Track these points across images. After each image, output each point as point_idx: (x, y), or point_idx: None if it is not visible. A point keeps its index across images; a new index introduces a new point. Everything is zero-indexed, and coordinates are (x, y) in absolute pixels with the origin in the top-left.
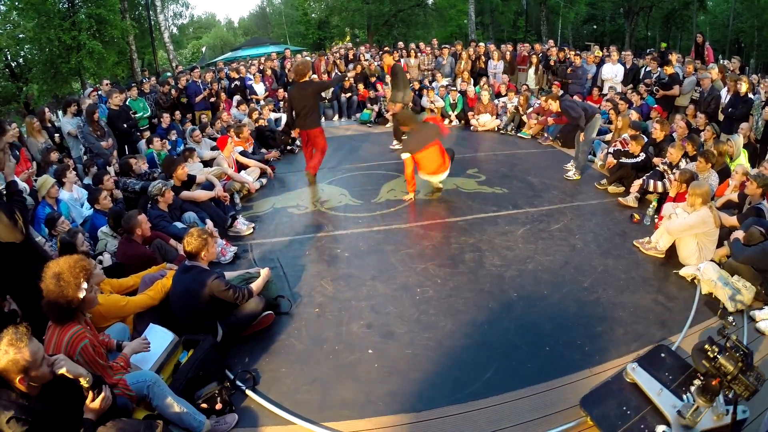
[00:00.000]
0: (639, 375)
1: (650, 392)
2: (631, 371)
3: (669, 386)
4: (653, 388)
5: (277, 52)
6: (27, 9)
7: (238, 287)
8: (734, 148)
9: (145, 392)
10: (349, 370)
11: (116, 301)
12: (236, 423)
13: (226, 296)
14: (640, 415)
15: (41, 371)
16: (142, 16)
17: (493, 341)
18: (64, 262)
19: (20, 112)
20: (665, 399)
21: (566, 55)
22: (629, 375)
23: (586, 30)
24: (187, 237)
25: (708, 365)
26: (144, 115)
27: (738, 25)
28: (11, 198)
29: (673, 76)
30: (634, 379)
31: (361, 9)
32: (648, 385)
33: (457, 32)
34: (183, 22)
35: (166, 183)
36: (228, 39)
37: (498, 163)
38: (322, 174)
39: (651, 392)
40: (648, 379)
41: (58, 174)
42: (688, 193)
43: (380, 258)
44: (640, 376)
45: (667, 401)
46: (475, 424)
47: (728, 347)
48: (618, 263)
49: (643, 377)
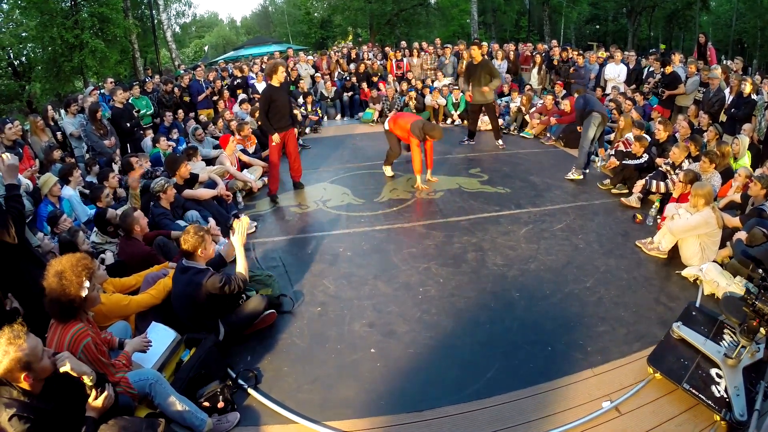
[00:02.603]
0: (684, 331)
1: (697, 343)
2: (677, 329)
3: (708, 336)
4: (699, 340)
5: (279, 51)
6: (30, 8)
7: (232, 276)
8: (740, 148)
9: (147, 390)
10: (351, 369)
11: (119, 301)
12: (238, 422)
13: (224, 291)
14: (695, 363)
15: (43, 365)
16: (145, 14)
17: (495, 341)
18: (66, 260)
19: (23, 110)
20: (710, 347)
21: (569, 55)
22: (676, 332)
23: (589, 30)
24: (184, 235)
25: (748, 310)
26: (147, 113)
27: (741, 26)
28: (8, 204)
29: (672, 74)
30: (681, 335)
31: (364, 8)
32: (694, 337)
33: (460, 32)
34: (185, 21)
35: (168, 180)
36: (230, 38)
37: (500, 163)
38: (325, 173)
39: (698, 343)
40: (692, 333)
41: (64, 173)
42: (690, 194)
43: (382, 257)
44: (686, 332)
45: (713, 348)
46: (477, 423)
47: (763, 293)
48: (620, 263)
49: (688, 333)
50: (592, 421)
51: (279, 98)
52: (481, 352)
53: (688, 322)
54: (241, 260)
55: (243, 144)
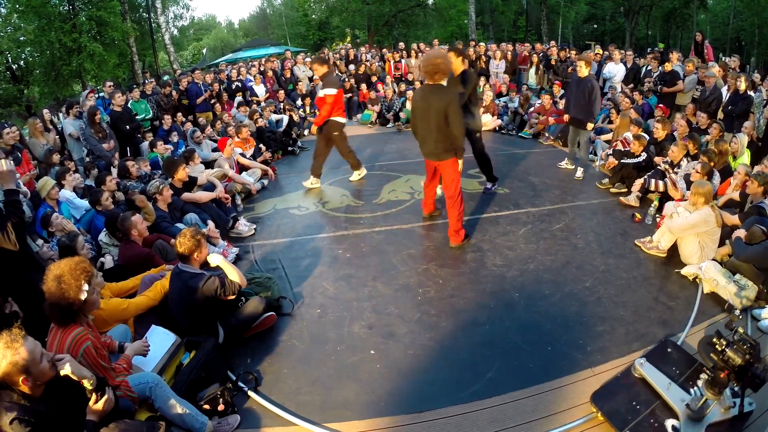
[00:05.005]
0: (647, 370)
1: (659, 386)
2: (640, 366)
3: (677, 380)
4: (662, 383)
5: (277, 53)
6: (28, 12)
7: (227, 279)
8: (738, 146)
9: (148, 394)
10: (351, 370)
11: (117, 305)
12: (238, 424)
13: (220, 295)
14: (649, 409)
15: (42, 368)
16: (143, 18)
17: (495, 341)
18: (65, 264)
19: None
20: (674, 393)
21: (567, 55)
22: (637, 370)
23: (587, 29)
24: (180, 238)
25: (716, 358)
26: (146, 116)
27: (738, 24)
28: (8, 209)
29: (672, 72)
30: (643, 374)
31: (362, 10)
32: (656, 379)
33: (458, 32)
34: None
35: (163, 181)
36: (228, 40)
37: (499, 163)
38: (324, 175)
39: (660, 386)
40: (656, 373)
41: (57, 176)
42: (690, 192)
43: (382, 258)
44: (649, 371)
45: (676, 395)
46: (477, 424)
47: (736, 340)
48: (619, 262)
49: (651, 372)
50: (592, 420)
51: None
52: (480, 353)
53: (657, 359)
54: (228, 269)
55: (241, 147)
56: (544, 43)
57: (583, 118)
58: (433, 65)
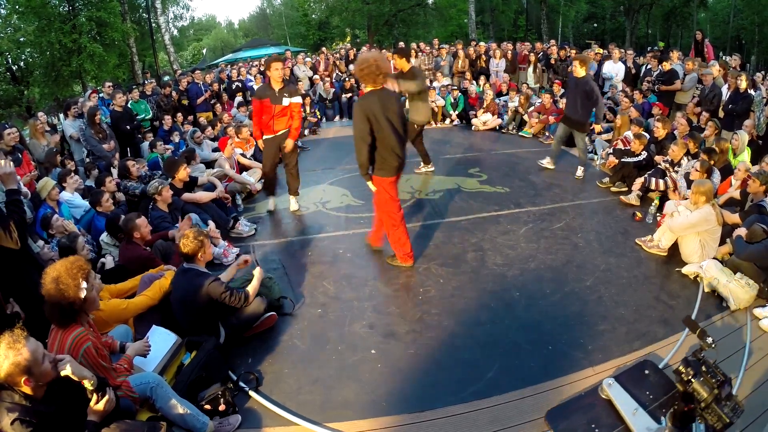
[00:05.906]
0: (615, 391)
1: (624, 411)
2: (607, 387)
3: (647, 406)
4: (629, 407)
5: (277, 53)
6: (27, 12)
7: (236, 290)
8: (739, 144)
9: (149, 394)
10: (352, 370)
11: (116, 306)
12: (240, 424)
13: (224, 300)
14: None
15: (44, 368)
16: (143, 18)
17: (496, 340)
18: (60, 265)
19: (22, 115)
20: (640, 420)
21: (567, 54)
22: (605, 390)
23: (587, 28)
24: (184, 239)
25: (681, 389)
26: (146, 117)
27: (738, 22)
28: (9, 209)
29: (671, 71)
30: (609, 395)
31: (362, 9)
32: (623, 403)
33: (458, 32)
34: (183, 24)
35: (162, 181)
36: (228, 40)
37: (499, 163)
38: (324, 175)
39: (625, 411)
40: (624, 396)
41: (59, 178)
42: (690, 191)
43: (382, 258)
44: (616, 393)
45: (642, 423)
46: (477, 423)
47: (704, 371)
48: (620, 261)
49: (618, 394)
50: None
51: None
52: (481, 352)
53: (629, 381)
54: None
55: (241, 147)
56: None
57: (580, 119)
58: (376, 66)
